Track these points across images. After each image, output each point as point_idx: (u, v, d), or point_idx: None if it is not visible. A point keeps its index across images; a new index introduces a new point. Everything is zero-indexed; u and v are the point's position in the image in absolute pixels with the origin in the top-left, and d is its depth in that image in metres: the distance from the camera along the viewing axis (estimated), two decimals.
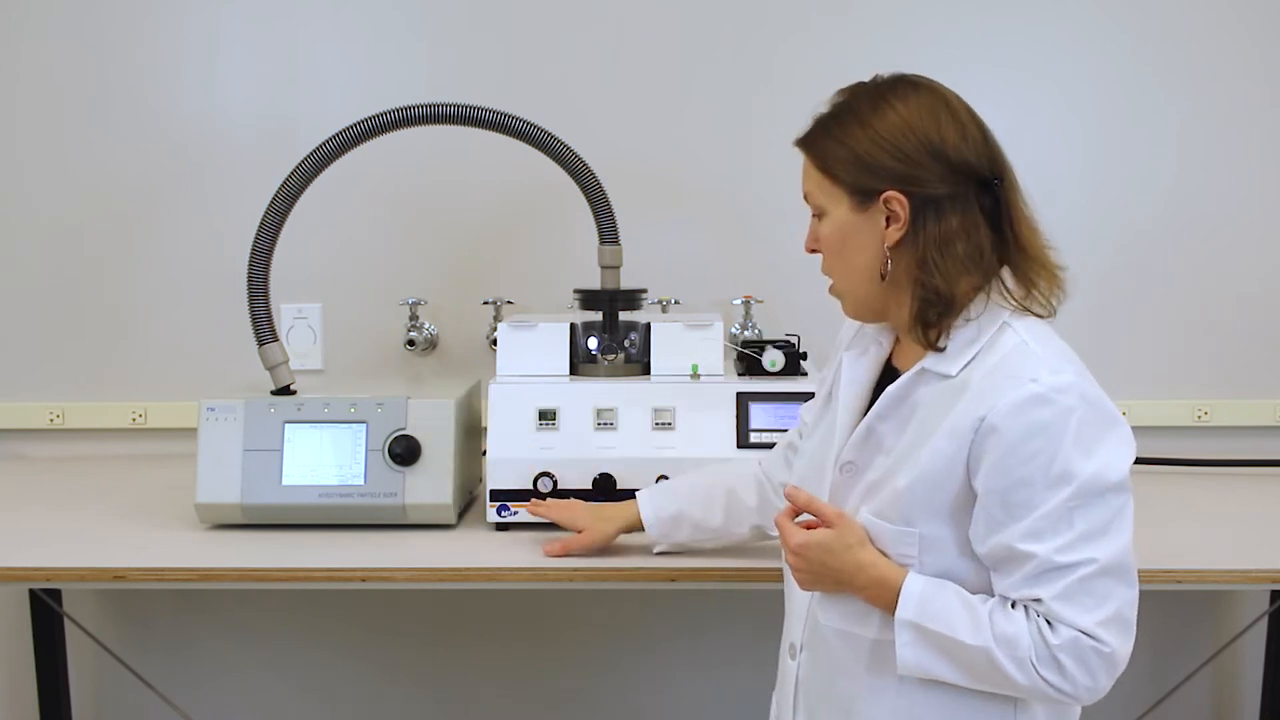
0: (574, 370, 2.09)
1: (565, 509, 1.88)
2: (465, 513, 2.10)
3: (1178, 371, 2.63)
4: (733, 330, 2.51)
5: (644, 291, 2.19)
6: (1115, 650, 1.28)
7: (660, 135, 2.58)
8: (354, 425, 1.99)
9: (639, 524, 1.81)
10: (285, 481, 1.98)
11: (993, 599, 1.33)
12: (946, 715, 1.37)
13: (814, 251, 1.46)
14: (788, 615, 1.55)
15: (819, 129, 1.42)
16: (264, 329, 2.09)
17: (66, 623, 2.53)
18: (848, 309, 1.48)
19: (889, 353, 1.50)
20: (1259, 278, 2.61)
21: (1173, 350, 2.63)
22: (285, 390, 2.08)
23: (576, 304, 2.16)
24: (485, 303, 2.55)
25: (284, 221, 2.09)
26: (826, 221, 1.42)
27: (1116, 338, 2.60)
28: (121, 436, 2.67)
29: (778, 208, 2.49)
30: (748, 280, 2.55)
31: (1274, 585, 2.19)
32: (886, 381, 1.43)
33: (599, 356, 2.10)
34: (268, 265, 2.08)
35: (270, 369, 2.09)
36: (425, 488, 1.97)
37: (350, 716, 2.75)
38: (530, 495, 1.95)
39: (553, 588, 1.87)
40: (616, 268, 2.16)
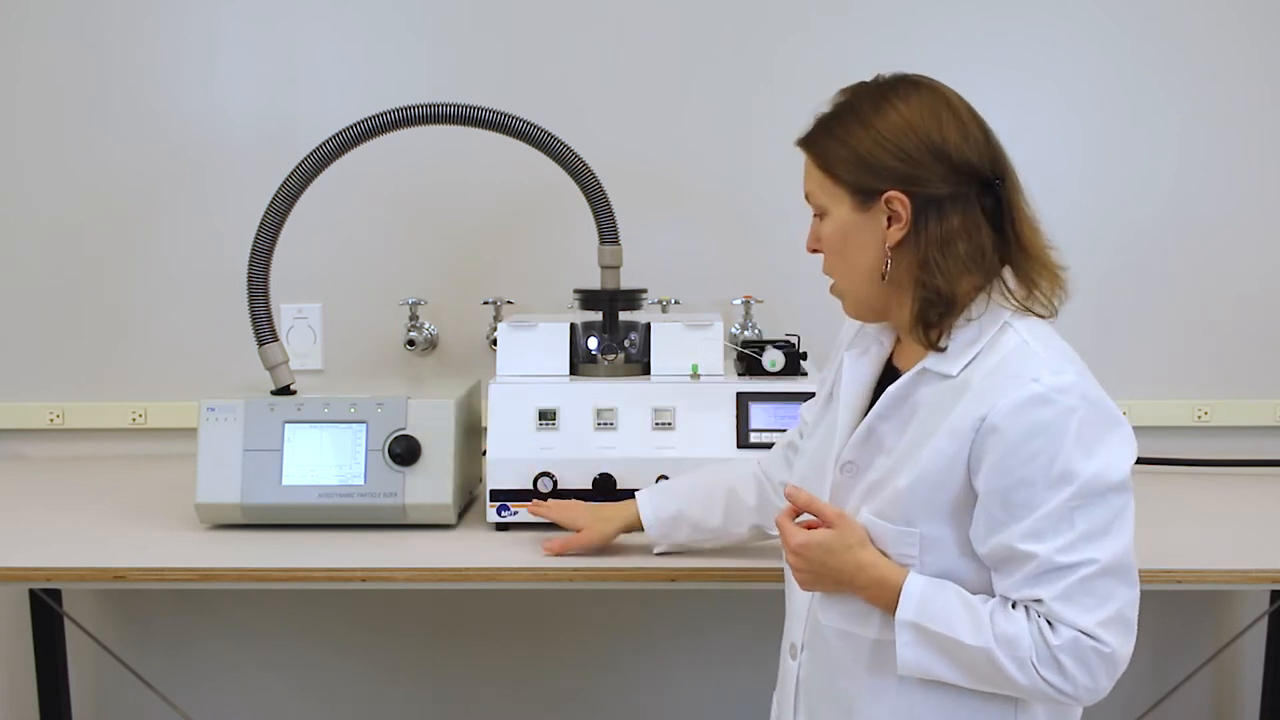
0: (574, 370, 2.09)
1: (565, 509, 1.88)
2: (465, 513, 2.10)
3: (1178, 371, 2.63)
4: (733, 330, 2.51)
5: (644, 291, 2.18)
6: (1116, 651, 1.28)
7: (660, 135, 2.58)
8: (354, 425, 1.99)
9: (638, 524, 1.81)
10: (285, 481, 1.98)
11: (993, 599, 1.32)
12: (947, 715, 1.37)
13: (815, 251, 1.46)
14: (788, 615, 1.55)
15: (821, 129, 1.42)
16: (264, 329, 2.09)
17: (66, 623, 2.53)
18: (848, 309, 1.47)
19: (890, 352, 1.50)
20: (1259, 278, 2.61)
21: (1173, 350, 2.63)
22: (285, 390, 2.08)
23: (576, 304, 2.16)
24: (485, 303, 2.55)
25: (284, 221, 2.09)
26: (828, 221, 1.42)
27: (1116, 338, 2.60)
28: (121, 436, 2.67)
29: (778, 208, 2.50)
30: (748, 280, 2.55)
31: (1274, 585, 2.18)
32: (888, 381, 1.43)
33: (599, 356, 2.10)
34: (268, 265, 2.08)
35: (270, 369, 2.09)
36: (425, 488, 1.97)
37: (350, 716, 2.75)
38: (530, 495, 1.95)
39: (553, 588, 1.87)
40: (616, 268, 2.16)
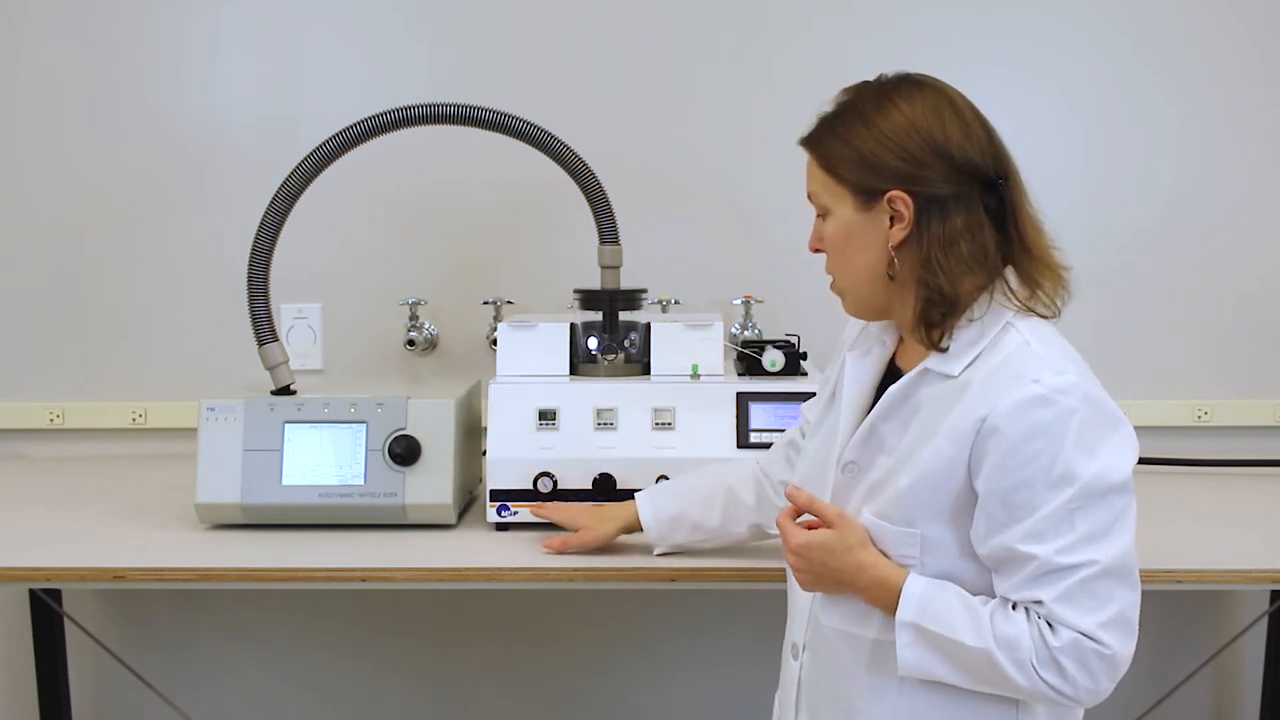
0: (574, 370, 2.09)
1: (566, 510, 1.89)
2: (465, 513, 2.10)
3: (1178, 371, 2.63)
4: (733, 330, 2.51)
5: (644, 291, 2.18)
6: (1116, 652, 1.27)
7: (660, 135, 2.58)
8: (354, 425, 1.99)
9: (638, 525, 1.81)
10: (285, 481, 1.97)
11: (994, 600, 1.32)
12: (947, 716, 1.37)
13: (818, 251, 1.46)
14: (790, 615, 1.55)
15: (823, 128, 1.41)
16: (264, 329, 2.08)
17: (66, 623, 2.53)
18: (848, 306, 1.47)
19: (892, 352, 1.49)
20: (1259, 278, 2.61)
21: (1173, 350, 2.63)
22: (285, 390, 2.08)
23: (576, 304, 2.16)
24: (485, 303, 2.55)
25: (284, 221, 2.09)
26: (830, 221, 1.42)
27: (1116, 338, 2.60)
28: (121, 436, 2.66)
29: (778, 208, 2.50)
30: (748, 280, 2.55)
31: (1274, 585, 2.19)
32: (889, 381, 1.43)
33: (599, 356, 2.10)
34: (268, 265, 2.08)
35: (270, 369, 2.09)
36: (425, 488, 1.97)
37: (350, 716, 2.75)
38: (530, 495, 1.95)
39: (553, 588, 1.87)
40: (616, 268, 2.16)
